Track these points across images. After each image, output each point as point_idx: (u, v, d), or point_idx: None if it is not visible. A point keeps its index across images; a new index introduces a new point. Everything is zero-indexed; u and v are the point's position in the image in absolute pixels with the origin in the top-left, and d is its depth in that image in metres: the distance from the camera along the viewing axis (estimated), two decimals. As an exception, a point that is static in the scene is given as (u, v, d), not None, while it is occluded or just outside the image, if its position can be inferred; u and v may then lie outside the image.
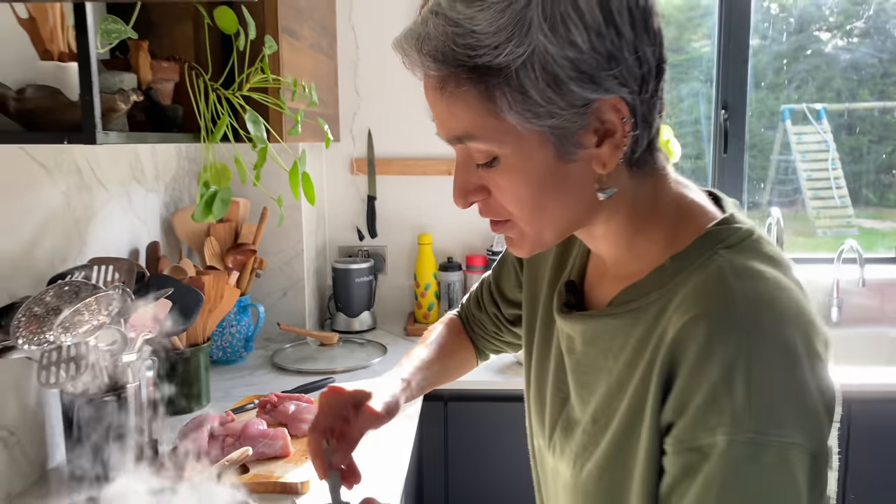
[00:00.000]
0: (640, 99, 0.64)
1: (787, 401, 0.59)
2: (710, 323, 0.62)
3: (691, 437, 0.62)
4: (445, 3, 0.63)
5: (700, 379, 0.61)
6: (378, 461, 1.37)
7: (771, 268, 0.66)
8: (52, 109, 1.10)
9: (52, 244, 1.36)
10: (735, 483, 0.59)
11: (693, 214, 0.71)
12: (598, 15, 0.60)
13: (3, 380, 1.23)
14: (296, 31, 1.74)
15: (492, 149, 0.66)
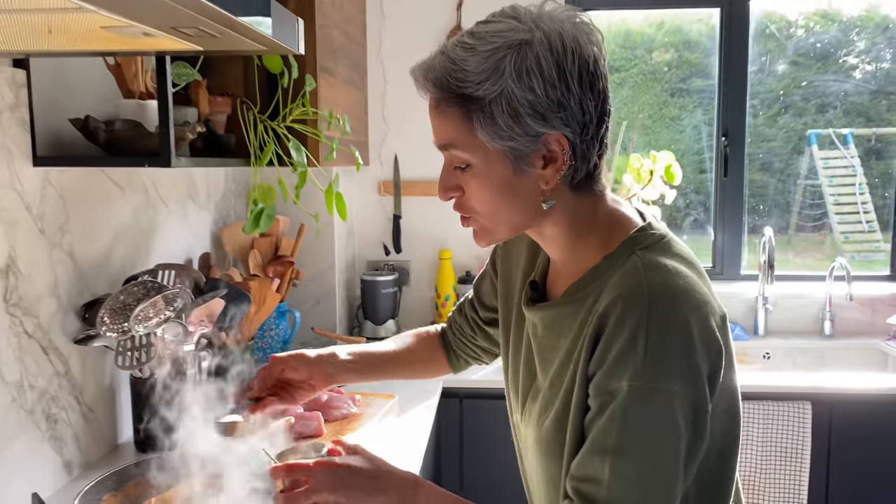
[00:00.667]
0: (580, 139, 0.85)
1: (674, 360, 0.80)
2: (623, 302, 0.82)
3: (605, 384, 0.82)
4: (450, 46, 0.86)
5: (613, 342, 0.82)
6: (396, 454, 1.57)
7: (674, 262, 0.86)
8: (135, 139, 1.34)
9: (124, 251, 1.60)
10: (631, 417, 0.80)
11: (621, 224, 0.92)
12: (554, 73, 0.82)
13: (86, 364, 1.46)
14: (331, 68, 1.98)
15: (466, 157, 0.87)
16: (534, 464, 0.99)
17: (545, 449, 0.94)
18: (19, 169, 1.26)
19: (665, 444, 0.80)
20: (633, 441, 0.80)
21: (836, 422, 2.02)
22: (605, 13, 2.76)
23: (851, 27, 2.82)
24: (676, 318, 0.81)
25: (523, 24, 0.84)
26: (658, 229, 0.91)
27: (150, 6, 0.77)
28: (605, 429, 0.81)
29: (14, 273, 1.25)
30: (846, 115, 2.82)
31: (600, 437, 0.82)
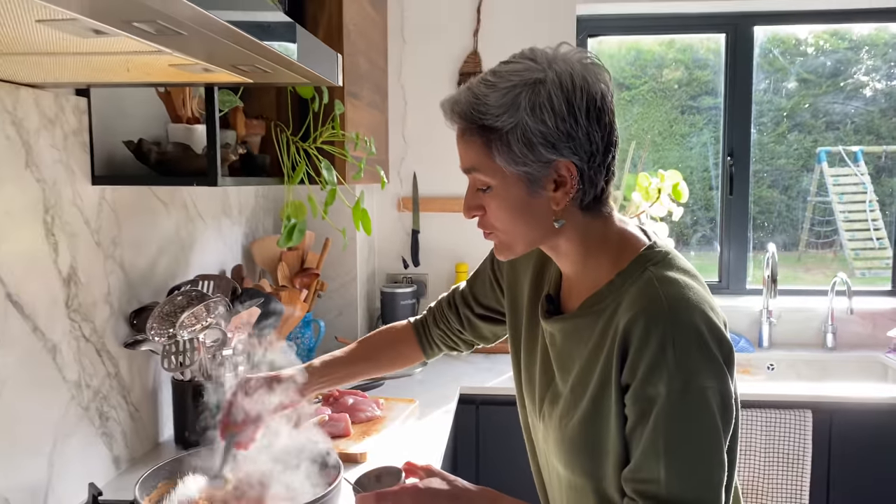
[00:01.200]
0: (587, 165, 0.96)
1: (699, 359, 0.91)
2: (645, 317, 0.93)
3: (642, 392, 0.92)
4: (475, 83, 0.99)
5: (643, 353, 0.92)
6: (418, 455, 1.68)
7: (681, 275, 0.98)
8: (183, 160, 1.47)
9: (167, 262, 1.72)
10: (674, 417, 0.90)
11: (631, 243, 1.03)
12: (564, 108, 0.94)
13: (133, 366, 1.58)
14: (357, 92, 2.11)
15: (487, 180, 0.99)
16: (555, 461, 1.09)
17: (569, 447, 1.03)
18: (80, 187, 1.39)
19: (709, 434, 0.91)
20: (681, 438, 0.90)
21: (836, 429, 2.11)
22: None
23: (861, 45, 2.90)
24: (693, 323, 0.92)
25: (538, 65, 0.96)
26: (663, 247, 1.03)
27: (222, 50, 0.90)
28: (653, 432, 0.91)
29: (75, 282, 1.37)
30: (856, 133, 2.89)
31: (650, 440, 0.92)
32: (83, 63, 1.01)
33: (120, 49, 0.89)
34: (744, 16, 2.72)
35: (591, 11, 2.73)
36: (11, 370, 1.20)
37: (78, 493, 1.37)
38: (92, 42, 0.84)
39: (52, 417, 1.31)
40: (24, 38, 0.82)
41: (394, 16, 2.68)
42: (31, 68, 1.07)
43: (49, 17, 0.72)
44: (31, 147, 1.25)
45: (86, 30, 0.77)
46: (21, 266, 1.23)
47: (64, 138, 1.34)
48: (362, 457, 1.56)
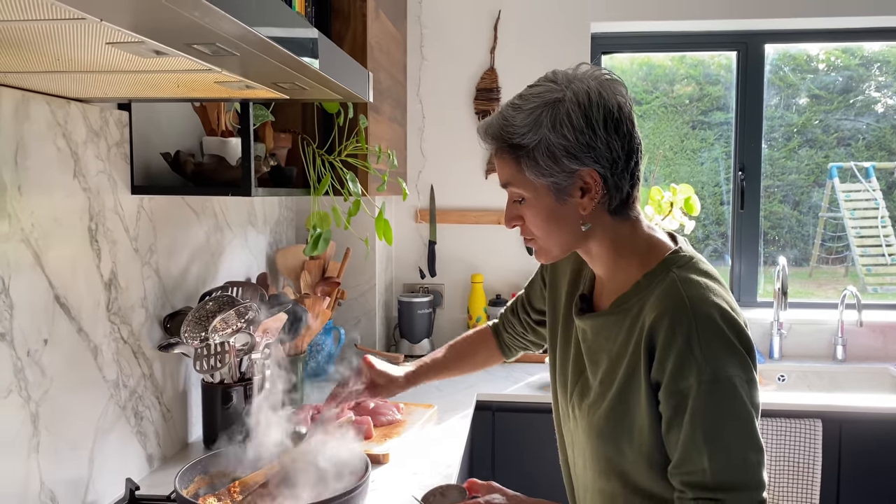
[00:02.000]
0: (611, 172, 1.05)
1: (724, 351, 0.98)
2: (670, 316, 1.01)
3: (674, 387, 1.00)
4: (504, 107, 1.09)
5: (670, 351, 0.99)
6: (432, 462, 1.73)
7: (703, 278, 1.06)
8: (218, 171, 1.54)
9: (198, 269, 1.79)
10: (709, 407, 0.97)
11: (658, 247, 1.11)
12: (582, 122, 1.03)
13: (166, 369, 1.65)
14: (378, 107, 2.19)
15: (520, 192, 1.09)
16: (583, 446, 1.17)
17: (598, 434, 1.11)
18: (121, 196, 1.46)
19: (744, 420, 0.98)
20: (717, 425, 0.97)
21: (846, 439, 2.15)
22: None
23: (873, 62, 2.94)
24: (714, 320, 0.99)
25: (558, 86, 1.05)
26: (688, 252, 1.11)
27: (268, 69, 0.97)
28: (691, 423, 0.98)
29: (115, 286, 1.44)
30: (868, 149, 2.92)
31: (689, 432, 0.98)
32: (136, 80, 1.08)
33: (175, 68, 0.97)
34: (755, 34, 2.79)
35: (606, 29, 2.80)
36: (59, 369, 1.27)
37: (115, 488, 1.43)
38: (151, 61, 0.91)
39: (93, 415, 1.38)
40: (92, 59, 0.90)
41: (413, 33, 2.76)
42: (84, 84, 1.14)
43: (119, 39, 0.79)
44: (79, 158, 1.33)
45: (149, 51, 0.84)
46: (68, 270, 1.30)
47: (108, 150, 1.42)
48: (385, 458, 1.62)
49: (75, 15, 0.67)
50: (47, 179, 1.24)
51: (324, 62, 1.03)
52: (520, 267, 2.78)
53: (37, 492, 1.22)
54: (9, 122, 1.15)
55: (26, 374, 1.19)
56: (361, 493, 1.23)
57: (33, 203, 1.20)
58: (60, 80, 1.10)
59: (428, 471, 1.61)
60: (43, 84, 1.14)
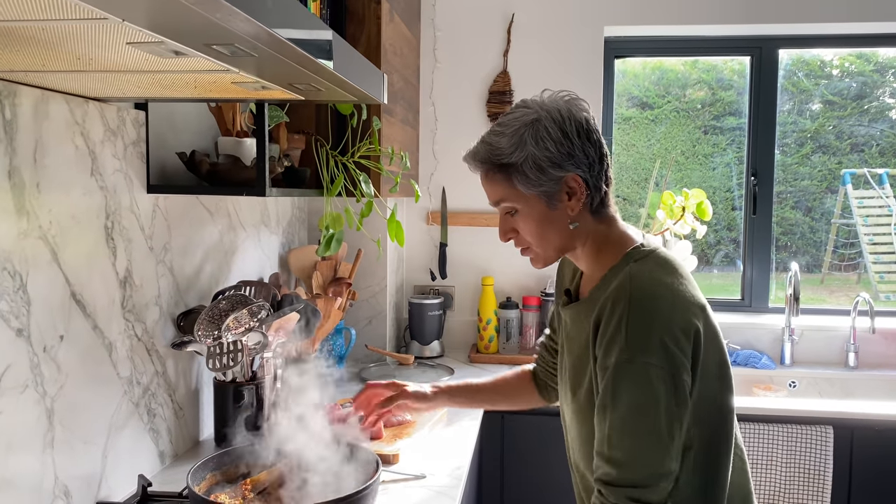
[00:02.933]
0: (590, 174, 1.18)
1: (651, 340, 1.06)
2: (612, 301, 1.12)
3: (603, 362, 1.10)
4: (486, 135, 1.22)
5: (606, 330, 1.11)
6: (442, 464, 1.74)
7: (657, 269, 1.15)
8: (233, 171, 1.55)
9: (211, 268, 1.81)
10: (618, 382, 1.07)
11: (626, 242, 1.22)
12: (559, 134, 1.16)
13: (179, 367, 1.66)
14: (391, 109, 2.20)
15: (513, 205, 1.21)
16: (571, 427, 1.29)
17: (577, 415, 1.23)
18: (137, 195, 1.48)
19: (646, 403, 1.05)
20: (620, 400, 1.06)
21: (858, 446, 2.14)
22: (641, 59, 2.95)
23: (887, 68, 2.92)
24: (652, 309, 1.09)
25: (531, 109, 1.19)
26: (649, 245, 1.21)
27: (285, 70, 0.98)
28: (603, 393, 1.10)
29: (130, 284, 1.46)
30: (882, 155, 2.90)
31: (600, 401, 1.10)
32: (154, 80, 1.09)
33: (193, 68, 0.98)
34: (769, 39, 2.78)
35: (619, 33, 2.80)
36: (74, 365, 1.29)
37: (128, 484, 1.45)
38: (170, 62, 0.93)
39: (107, 411, 1.39)
40: (112, 58, 0.91)
41: (427, 36, 2.77)
42: (103, 84, 1.15)
43: (140, 39, 0.80)
44: (97, 156, 1.34)
45: (168, 51, 0.85)
46: (84, 268, 1.31)
47: (124, 149, 1.43)
48: (395, 457, 1.63)
49: (98, 15, 0.69)
50: (65, 177, 1.25)
51: (339, 63, 1.04)
52: (530, 270, 2.78)
53: (51, 486, 1.24)
54: (28, 120, 1.16)
55: (42, 370, 1.21)
56: (371, 493, 1.24)
57: (51, 201, 1.22)
58: (79, 80, 1.11)
59: (438, 472, 1.62)
60: (62, 83, 1.15)
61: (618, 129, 2.95)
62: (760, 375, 2.61)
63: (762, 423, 2.15)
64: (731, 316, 2.80)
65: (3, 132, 1.11)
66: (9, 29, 0.77)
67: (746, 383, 2.59)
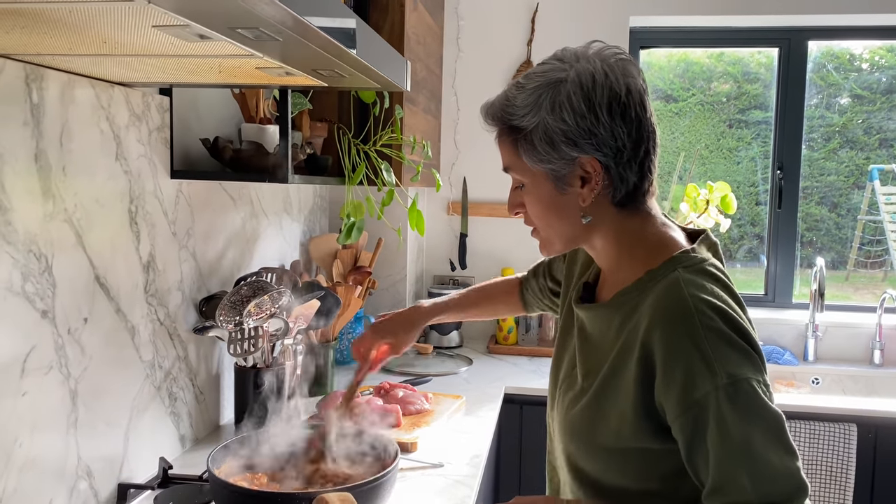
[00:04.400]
0: (614, 161, 0.97)
1: (736, 354, 0.90)
2: (671, 319, 0.92)
3: (688, 398, 0.90)
4: (509, 86, 1.03)
5: (678, 359, 0.90)
6: (460, 455, 1.74)
7: (709, 281, 0.96)
8: (256, 157, 1.56)
9: (233, 255, 1.82)
10: (733, 412, 0.88)
11: (668, 246, 1.02)
12: (583, 105, 0.95)
13: (200, 351, 1.67)
14: (414, 98, 2.19)
15: (519, 178, 1.04)
16: (557, 442, 1.13)
17: (570, 431, 1.06)
18: (161, 181, 1.49)
19: (772, 422, 0.90)
20: (747, 434, 0.88)
21: (882, 445, 2.11)
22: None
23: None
24: (720, 322, 0.91)
25: (564, 64, 0.98)
26: (700, 254, 1.01)
27: (310, 55, 0.98)
28: (720, 437, 0.88)
29: (153, 268, 1.47)
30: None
31: (719, 449, 0.89)
32: (178, 64, 1.10)
33: (218, 53, 0.98)
34: (798, 30, 2.73)
35: (645, 24, 2.77)
36: (97, 347, 1.30)
37: (149, 466, 1.46)
38: (194, 46, 0.93)
39: (129, 394, 1.41)
40: (138, 42, 0.91)
41: (450, 25, 2.76)
42: (128, 68, 1.16)
43: (166, 22, 0.80)
44: (122, 141, 1.35)
45: (193, 35, 0.85)
46: (108, 251, 1.32)
47: (148, 134, 1.44)
48: (413, 445, 1.63)
49: (125, -4, 0.69)
50: (90, 161, 1.26)
51: (364, 49, 1.04)
52: (551, 262, 2.77)
53: (74, 466, 1.25)
54: (55, 104, 1.17)
55: (67, 352, 1.22)
56: (391, 479, 1.24)
57: (77, 184, 1.23)
58: (105, 64, 1.12)
59: (456, 460, 1.62)
60: (88, 67, 1.16)
61: (642, 121, 2.91)
62: (783, 371, 2.58)
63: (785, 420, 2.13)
64: (754, 311, 2.77)
65: (30, 115, 1.12)
66: (37, 11, 0.77)
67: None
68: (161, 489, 1.37)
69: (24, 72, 1.10)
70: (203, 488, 1.36)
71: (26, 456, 1.14)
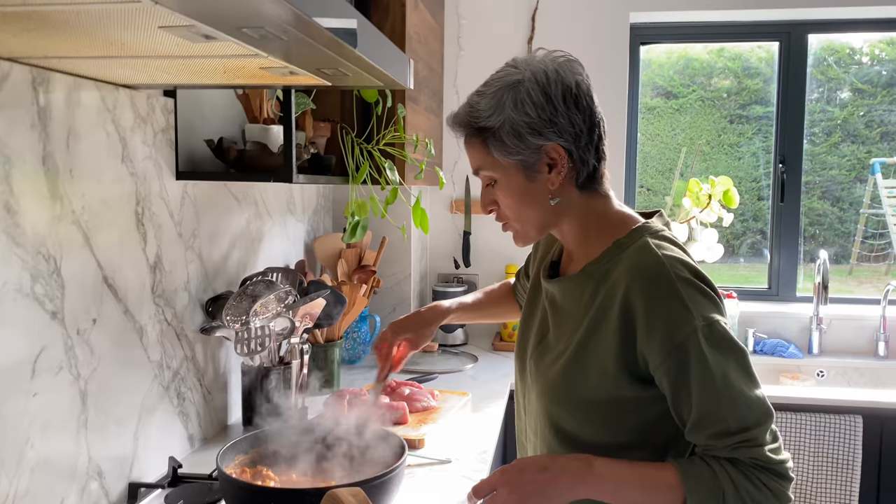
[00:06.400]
0: (575, 146, 1.09)
1: (706, 300, 1.02)
2: (648, 278, 1.04)
3: (670, 342, 1.01)
4: (470, 96, 1.14)
5: (656, 311, 1.02)
6: (467, 451, 1.75)
7: (672, 244, 1.10)
8: (260, 158, 1.56)
9: (239, 255, 1.83)
10: (711, 351, 1.00)
11: (630, 221, 1.15)
12: (542, 99, 1.07)
13: (207, 351, 1.68)
14: (416, 97, 2.20)
15: (491, 174, 1.13)
16: (535, 407, 1.19)
17: (552, 391, 1.14)
18: (166, 182, 1.50)
19: (741, 356, 1.02)
20: (724, 370, 1.00)
21: (887, 436, 2.11)
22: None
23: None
24: (690, 276, 1.04)
25: (517, 69, 1.10)
26: (657, 225, 1.14)
27: (313, 54, 0.99)
28: (702, 374, 1.00)
29: (160, 269, 1.48)
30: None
31: (700, 386, 1.00)
32: (183, 65, 1.10)
33: (222, 53, 0.99)
34: (798, 24, 2.74)
35: (645, 19, 2.77)
36: (106, 348, 1.31)
37: (158, 466, 1.47)
38: (200, 46, 0.93)
39: (138, 394, 1.42)
40: (144, 43, 0.92)
41: (451, 23, 2.76)
42: (134, 70, 1.17)
43: (172, 23, 0.81)
44: (127, 143, 1.36)
45: (198, 35, 0.86)
46: (115, 252, 1.33)
47: (154, 136, 1.45)
48: (420, 442, 1.64)
49: (132, -2, 0.70)
50: (97, 164, 1.27)
51: (367, 47, 1.04)
52: (554, 258, 2.77)
53: (85, 466, 1.26)
54: (61, 107, 1.18)
55: (76, 352, 1.23)
56: (398, 476, 1.25)
57: (84, 186, 1.24)
58: (111, 66, 1.13)
59: (463, 456, 1.62)
60: (94, 70, 1.17)
61: (642, 119, 2.92)
62: (788, 364, 2.59)
63: (790, 412, 2.13)
64: (758, 305, 2.77)
65: (37, 118, 1.13)
66: (45, 14, 0.78)
67: (773, 372, 2.57)
68: (171, 488, 1.38)
69: (30, 75, 1.11)
70: (213, 486, 1.37)
71: (38, 456, 1.15)
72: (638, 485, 1.02)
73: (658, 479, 1.01)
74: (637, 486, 1.02)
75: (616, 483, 1.02)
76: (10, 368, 1.09)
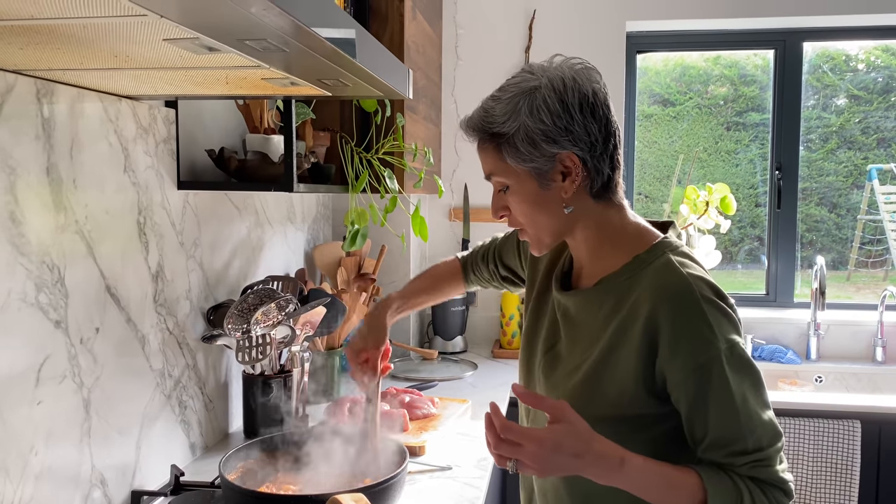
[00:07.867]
0: (590, 155, 1.08)
1: (728, 323, 1.03)
2: (673, 296, 1.04)
3: (692, 362, 1.01)
4: (485, 100, 1.13)
5: (680, 332, 1.02)
6: (467, 457, 1.75)
7: (693, 262, 1.10)
8: (261, 167, 1.58)
9: (240, 264, 1.84)
10: (732, 374, 1.01)
11: (648, 234, 1.14)
12: (558, 107, 1.06)
13: (209, 360, 1.69)
14: (414, 107, 2.22)
15: (504, 180, 1.12)
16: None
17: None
18: (168, 192, 1.51)
19: (758, 380, 1.04)
20: (743, 393, 1.02)
21: (886, 441, 2.12)
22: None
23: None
24: (714, 298, 1.04)
25: (534, 75, 1.09)
26: (675, 241, 1.14)
27: (315, 65, 1.00)
28: (722, 395, 1.01)
29: (162, 278, 1.49)
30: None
31: (720, 406, 1.01)
32: (186, 77, 1.12)
33: (225, 64, 1.00)
34: (793, 32, 2.76)
35: (641, 28, 2.80)
36: (109, 357, 1.32)
37: (160, 474, 1.48)
38: (202, 58, 0.95)
39: (140, 403, 1.43)
40: (148, 55, 0.94)
41: (448, 33, 2.79)
42: (136, 81, 1.18)
43: (176, 35, 0.83)
44: (129, 153, 1.37)
45: (202, 47, 0.88)
46: (118, 262, 1.35)
47: (155, 146, 1.46)
48: (421, 449, 1.65)
49: (138, 12, 0.71)
50: (100, 174, 1.29)
51: (367, 58, 1.06)
52: (553, 266, 2.79)
53: (88, 474, 1.27)
54: (65, 118, 1.19)
55: (79, 361, 1.24)
56: (399, 483, 1.25)
57: (87, 196, 1.25)
58: (114, 78, 1.14)
59: (464, 463, 1.63)
60: (97, 81, 1.19)
61: (639, 127, 2.94)
62: (786, 370, 2.60)
63: (789, 417, 2.14)
64: (756, 311, 2.78)
65: (41, 129, 1.14)
66: (53, 28, 0.80)
67: (772, 378, 2.58)
68: (174, 496, 1.39)
69: (35, 87, 1.12)
70: (215, 494, 1.37)
71: (42, 464, 1.16)
72: (663, 485, 1.03)
73: (681, 482, 1.02)
74: (662, 486, 1.03)
75: (641, 483, 1.02)
76: (14, 377, 1.10)
